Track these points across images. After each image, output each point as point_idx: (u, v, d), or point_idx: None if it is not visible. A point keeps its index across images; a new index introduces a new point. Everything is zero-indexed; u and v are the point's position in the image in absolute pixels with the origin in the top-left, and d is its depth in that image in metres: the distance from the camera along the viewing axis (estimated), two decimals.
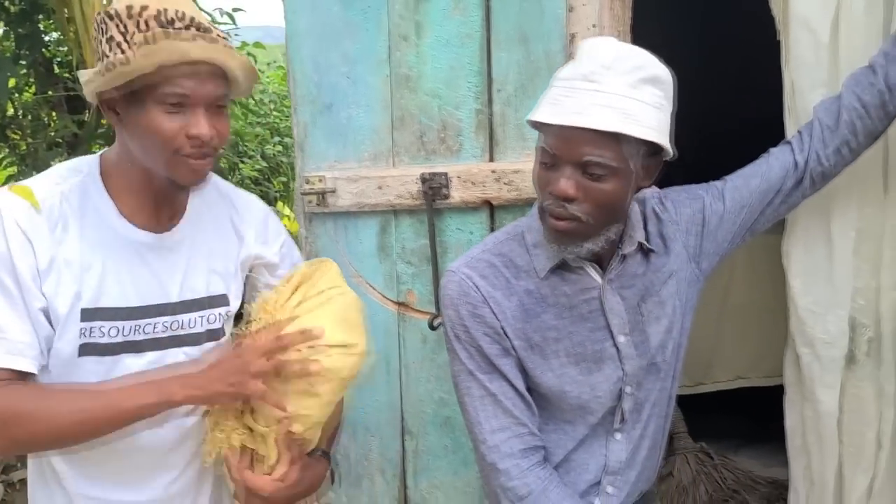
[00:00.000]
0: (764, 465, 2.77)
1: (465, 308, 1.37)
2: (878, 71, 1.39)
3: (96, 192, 1.28)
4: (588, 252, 1.31)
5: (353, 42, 1.89)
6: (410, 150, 1.88)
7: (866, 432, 1.62)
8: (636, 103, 1.21)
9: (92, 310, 1.24)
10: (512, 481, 1.36)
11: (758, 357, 2.84)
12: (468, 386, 1.40)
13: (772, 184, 1.46)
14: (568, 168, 1.24)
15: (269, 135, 5.65)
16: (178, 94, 1.20)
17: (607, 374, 1.38)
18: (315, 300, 1.36)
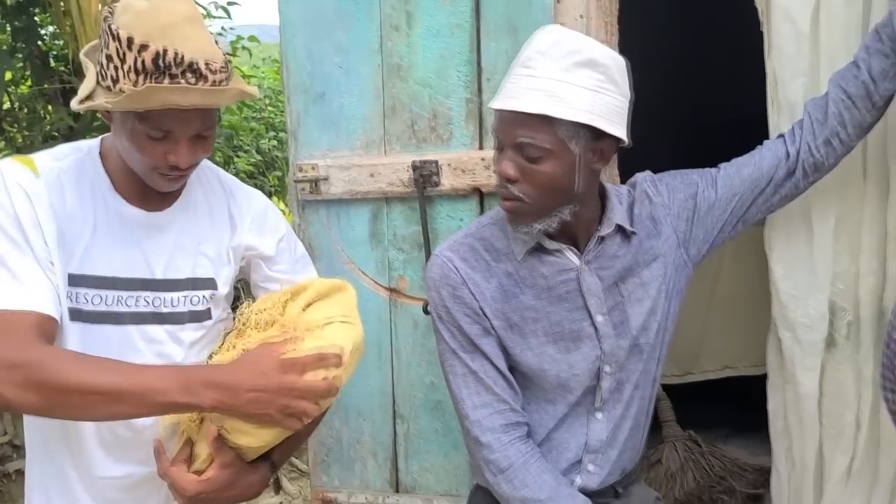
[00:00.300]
0: (752, 453, 2.81)
1: (446, 290, 1.42)
2: (860, 65, 1.43)
3: (93, 169, 1.32)
4: (539, 232, 1.36)
5: (345, 32, 1.92)
6: (402, 138, 1.91)
7: (845, 414, 1.66)
8: (567, 86, 1.25)
9: (78, 276, 1.27)
10: (494, 454, 1.41)
11: (745, 347, 2.88)
12: (452, 364, 1.45)
13: (763, 172, 1.50)
14: (509, 150, 1.31)
15: (265, 129, 5.67)
16: (164, 130, 1.23)
17: (585, 353, 1.42)
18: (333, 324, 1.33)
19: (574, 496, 1.41)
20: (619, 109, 1.32)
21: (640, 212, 1.47)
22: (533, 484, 1.39)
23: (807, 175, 1.50)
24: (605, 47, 1.32)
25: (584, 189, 1.36)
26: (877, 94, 1.41)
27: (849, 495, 1.68)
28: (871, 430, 1.65)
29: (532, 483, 1.39)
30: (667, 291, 1.47)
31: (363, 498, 2.05)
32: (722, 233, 1.51)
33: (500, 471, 1.41)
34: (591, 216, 1.42)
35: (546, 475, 1.40)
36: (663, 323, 1.48)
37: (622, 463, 1.50)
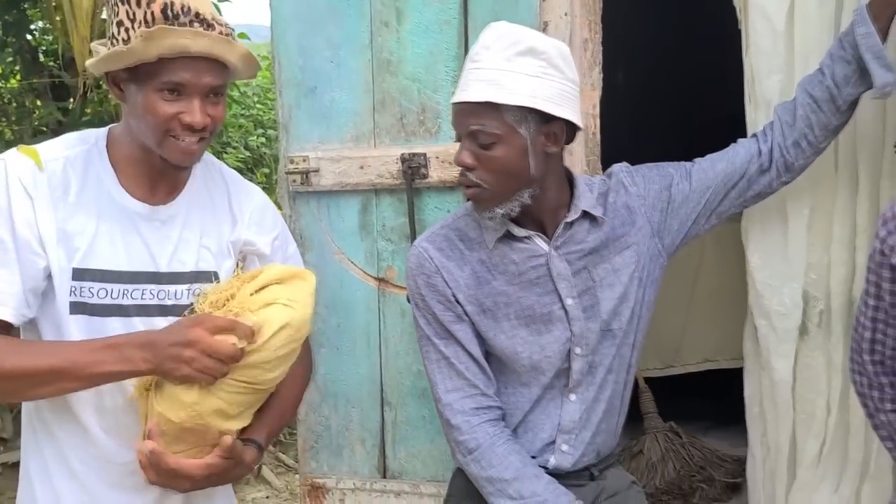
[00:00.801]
0: (731, 445, 2.88)
1: (422, 278, 1.50)
2: (825, 71, 1.51)
3: (100, 161, 1.35)
4: (503, 216, 1.42)
5: (336, 27, 1.97)
6: (391, 131, 1.96)
7: (817, 399, 1.72)
8: (509, 74, 1.34)
9: (82, 269, 1.30)
10: (463, 436, 1.48)
11: (725, 340, 2.95)
12: (427, 350, 1.53)
13: (736, 167, 1.56)
14: (465, 140, 1.39)
15: (253, 126, 5.70)
16: (176, 83, 1.26)
17: (556, 335, 1.48)
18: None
19: (539, 476, 1.46)
20: (566, 93, 1.40)
21: (615, 200, 1.53)
22: (499, 464, 1.45)
23: (779, 174, 1.56)
24: (546, 37, 1.42)
25: (540, 172, 1.42)
26: (840, 99, 1.49)
27: (820, 478, 1.75)
28: (840, 415, 1.71)
29: (498, 463, 1.45)
30: (640, 279, 1.52)
31: (351, 484, 2.09)
32: (696, 224, 1.57)
33: (469, 451, 1.48)
34: (557, 202, 1.48)
35: (512, 456, 1.46)
36: (637, 310, 1.53)
37: (596, 445, 1.55)
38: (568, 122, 1.42)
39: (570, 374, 1.50)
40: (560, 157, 1.48)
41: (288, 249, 1.55)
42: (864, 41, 1.42)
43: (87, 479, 1.36)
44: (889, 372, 1.34)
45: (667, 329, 3.00)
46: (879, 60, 1.42)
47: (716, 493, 2.67)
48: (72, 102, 4.04)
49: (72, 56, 3.65)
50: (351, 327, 2.05)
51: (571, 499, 1.44)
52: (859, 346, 1.37)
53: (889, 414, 1.36)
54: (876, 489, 1.67)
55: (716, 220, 1.60)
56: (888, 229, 1.25)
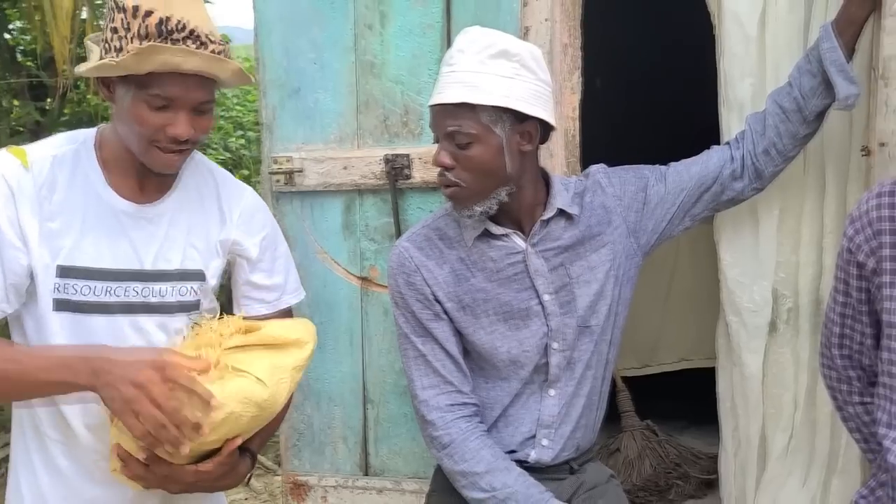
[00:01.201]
0: (706, 443, 2.93)
1: (402, 277, 1.54)
2: (793, 83, 1.58)
3: (88, 160, 1.36)
4: (481, 214, 1.47)
5: (320, 30, 1.99)
6: (374, 132, 1.99)
7: (784, 394, 1.78)
8: (483, 76, 1.39)
9: (67, 267, 1.31)
10: (437, 431, 1.52)
11: (700, 340, 3.01)
12: (405, 347, 1.57)
13: (710, 170, 1.62)
14: (443, 142, 1.44)
15: (233, 128, 5.69)
16: (165, 98, 1.27)
17: (534, 330, 1.52)
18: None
19: (510, 469, 1.50)
20: (539, 94, 1.44)
21: (591, 200, 1.58)
22: (471, 458, 1.49)
23: (751, 181, 1.63)
24: (518, 40, 1.47)
25: (517, 171, 1.46)
26: (807, 110, 1.56)
27: (788, 470, 1.81)
28: (806, 411, 1.77)
29: (470, 458, 1.49)
30: (616, 277, 1.57)
31: (333, 481, 2.12)
32: (670, 225, 1.62)
33: (443, 447, 1.52)
34: (533, 201, 1.53)
35: (484, 450, 1.50)
36: (614, 307, 1.58)
37: (576, 440, 1.59)
38: (542, 121, 1.46)
39: (548, 369, 1.54)
40: (535, 156, 1.53)
41: (277, 249, 1.55)
42: (828, 55, 1.50)
43: (69, 474, 1.37)
44: (857, 366, 1.40)
45: (643, 329, 3.06)
46: (843, 74, 1.49)
47: (691, 489, 2.71)
48: (50, 102, 4.02)
49: (50, 56, 3.64)
50: (334, 326, 2.07)
51: (541, 489, 1.48)
52: (828, 340, 1.43)
53: (857, 406, 1.41)
54: (845, 483, 1.73)
55: (689, 222, 1.65)
56: (855, 228, 1.30)
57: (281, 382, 1.31)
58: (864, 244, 1.28)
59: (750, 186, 1.63)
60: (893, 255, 1.24)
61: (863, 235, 1.28)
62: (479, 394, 1.58)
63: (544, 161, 1.84)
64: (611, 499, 1.59)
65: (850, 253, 1.31)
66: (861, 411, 1.41)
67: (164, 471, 1.28)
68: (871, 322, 1.33)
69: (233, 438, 1.30)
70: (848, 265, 1.32)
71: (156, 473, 1.28)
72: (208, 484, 1.33)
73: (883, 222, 1.25)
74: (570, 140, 1.92)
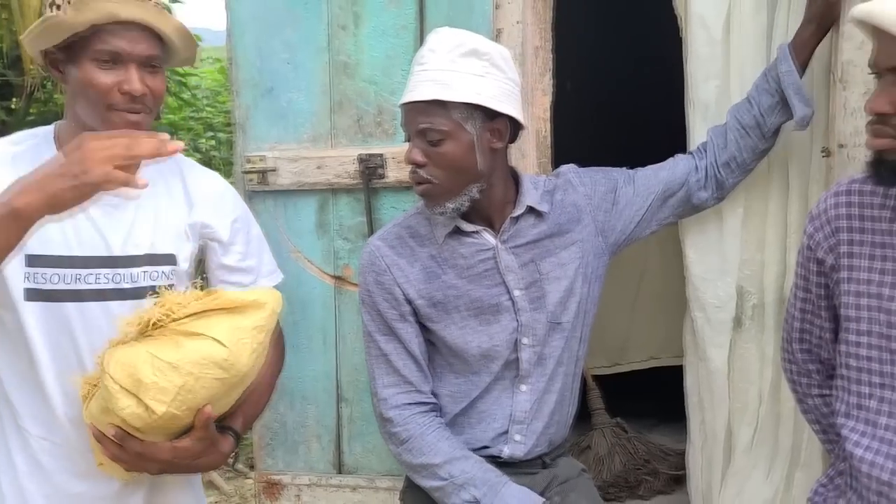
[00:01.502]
0: (675, 440, 2.98)
1: (371, 276, 1.57)
2: (752, 100, 1.65)
3: (48, 151, 1.35)
4: (453, 210, 1.49)
5: (294, 30, 2.00)
6: (348, 132, 2.00)
7: (750, 389, 1.83)
8: (453, 74, 1.42)
9: (36, 256, 1.32)
10: (395, 428, 1.55)
11: (668, 339, 3.06)
12: (369, 345, 1.60)
13: (677, 176, 1.68)
14: (416, 139, 1.47)
15: (203, 129, 5.66)
16: (110, 52, 1.28)
17: (504, 325, 1.55)
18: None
19: (467, 457, 1.53)
20: (508, 92, 1.48)
21: (562, 198, 1.61)
22: (429, 451, 1.53)
23: (713, 191, 1.69)
24: (487, 40, 1.50)
25: (487, 168, 1.49)
26: (766, 126, 1.63)
27: (753, 463, 1.85)
28: (770, 405, 1.82)
29: (428, 451, 1.53)
30: (584, 274, 1.61)
31: (307, 479, 2.12)
32: (638, 227, 1.67)
33: (401, 442, 1.55)
34: (503, 198, 1.56)
35: (442, 443, 1.53)
36: (583, 305, 1.61)
37: (549, 435, 1.62)
38: (511, 120, 1.49)
39: (519, 364, 1.57)
40: (505, 153, 1.56)
41: (250, 232, 1.55)
42: (785, 77, 1.57)
43: (53, 470, 1.37)
44: (816, 359, 1.44)
45: (613, 329, 3.11)
46: (799, 95, 1.57)
47: (660, 485, 2.76)
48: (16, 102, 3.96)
49: (17, 55, 3.59)
50: (307, 325, 2.08)
51: (498, 474, 1.52)
52: (789, 335, 1.47)
53: (816, 399, 1.46)
54: (807, 476, 1.77)
55: (656, 226, 1.70)
56: (814, 226, 1.35)
57: (242, 343, 1.26)
58: (823, 241, 1.32)
59: (712, 196, 1.70)
60: (851, 252, 1.29)
61: (822, 233, 1.33)
62: (450, 388, 1.61)
63: (516, 161, 1.87)
64: (582, 492, 1.62)
65: (810, 250, 1.35)
66: (820, 403, 1.45)
67: (137, 447, 1.26)
68: (830, 317, 1.37)
69: (203, 408, 1.26)
70: (808, 262, 1.37)
71: (129, 451, 1.26)
72: (189, 462, 1.31)
73: (841, 220, 1.30)
74: (541, 141, 1.95)
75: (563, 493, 1.60)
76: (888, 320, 1.22)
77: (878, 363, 1.24)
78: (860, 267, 1.27)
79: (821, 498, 1.39)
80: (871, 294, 1.24)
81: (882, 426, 1.23)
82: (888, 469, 1.20)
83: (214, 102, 6.11)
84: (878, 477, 1.21)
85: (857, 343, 1.26)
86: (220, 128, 5.82)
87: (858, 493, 1.28)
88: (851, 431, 1.27)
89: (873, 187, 1.26)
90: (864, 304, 1.25)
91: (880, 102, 1.14)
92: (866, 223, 1.27)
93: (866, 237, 1.26)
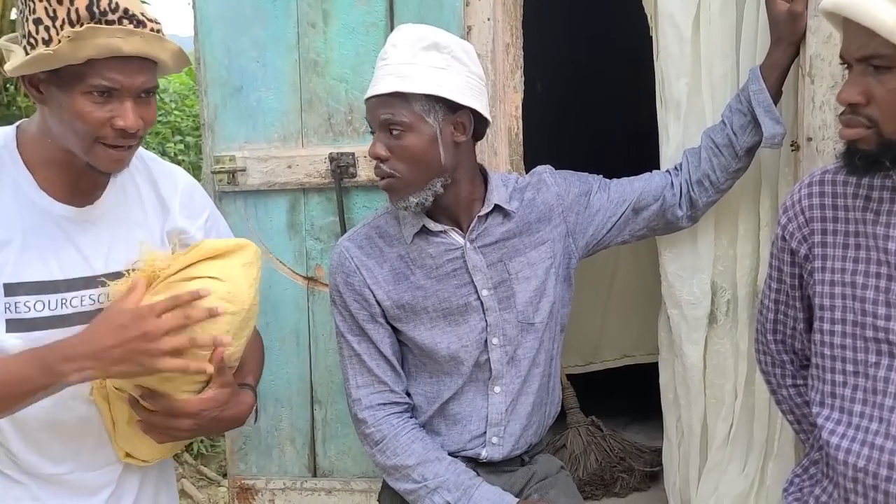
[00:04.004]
0: (648, 437, 3.00)
1: (341, 276, 1.56)
2: (726, 121, 1.66)
3: (13, 164, 1.26)
4: (417, 205, 1.48)
5: (262, 28, 1.98)
6: (319, 131, 1.98)
7: (725, 384, 1.84)
8: (415, 67, 1.43)
9: (14, 284, 1.23)
10: (369, 429, 1.55)
11: (641, 336, 3.08)
12: (341, 346, 1.60)
13: (651, 188, 1.69)
14: (379, 133, 1.47)
15: (171, 133, 5.58)
16: (107, 86, 1.18)
17: (472, 325, 1.55)
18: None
19: (441, 459, 1.53)
20: (471, 85, 1.48)
21: (534, 196, 1.61)
22: (402, 452, 1.52)
23: (686, 209, 1.70)
24: (449, 34, 1.51)
25: (451, 162, 1.49)
26: (738, 146, 1.65)
27: (728, 458, 1.86)
28: (745, 399, 1.83)
29: (402, 452, 1.52)
30: (556, 274, 1.60)
31: (281, 483, 2.09)
32: (609, 234, 1.67)
33: (375, 443, 1.55)
34: (470, 196, 1.55)
35: (415, 444, 1.53)
36: (557, 305, 1.61)
37: (528, 437, 1.62)
38: (476, 114, 1.49)
39: (490, 364, 1.56)
40: (471, 149, 1.56)
41: (220, 228, 1.52)
42: (756, 97, 1.59)
43: (38, 489, 1.33)
44: (789, 350, 1.46)
45: (587, 328, 3.12)
46: (769, 114, 1.58)
47: (636, 482, 2.77)
48: None
49: None
50: (280, 326, 2.05)
51: (471, 475, 1.52)
52: (763, 327, 1.48)
53: (790, 389, 1.47)
54: (779, 467, 1.80)
55: (628, 236, 1.71)
56: (788, 217, 1.36)
57: (236, 277, 1.30)
58: (796, 231, 1.33)
59: (686, 215, 1.70)
60: (824, 242, 1.30)
61: (795, 223, 1.34)
62: (424, 387, 1.60)
63: (488, 159, 1.87)
64: (562, 489, 1.62)
65: (784, 241, 1.36)
66: (794, 393, 1.47)
67: (165, 404, 1.27)
68: (803, 307, 1.39)
69: (215, 350, 1.25)
70: (782, 252, 1.38)
71: (160, 411, 1.27)
72: (217, 413, 1.30)
73: (814, 210, 1.31)
74: (513, 138, 1.95)
75: (543, 490, 1.59)
76: (862, 308, 1.23)
77: (851, 351, 1.25)
78: (834, 256, 1.28)
79: (796, 488, 1.40)
80: (845, 283, 1.25)
81: (857, 414, 1.24)
82: (864, 456, 1.21)
83: (182, 106, 6.04)
84: (854, 464, 1.22)
85: (832, 332, 1.28)
86: (189, 132, 5.75)
87: (834, 481, 1.28)
88: (826, 420, 1.28)
89: (846, 177, 1.27)
90: (839, 292, 1.27)
91: (851, 92, 1.15)
92: (839, 213, 1.28)
93: (839, 227, 1.28)
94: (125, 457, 1.38)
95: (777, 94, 1.61)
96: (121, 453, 1.38)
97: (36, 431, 1.31)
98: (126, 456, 1.39)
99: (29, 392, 1.19)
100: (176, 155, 5.58)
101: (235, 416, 1.35)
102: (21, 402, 1.21)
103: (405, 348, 1.60)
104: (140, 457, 1.40)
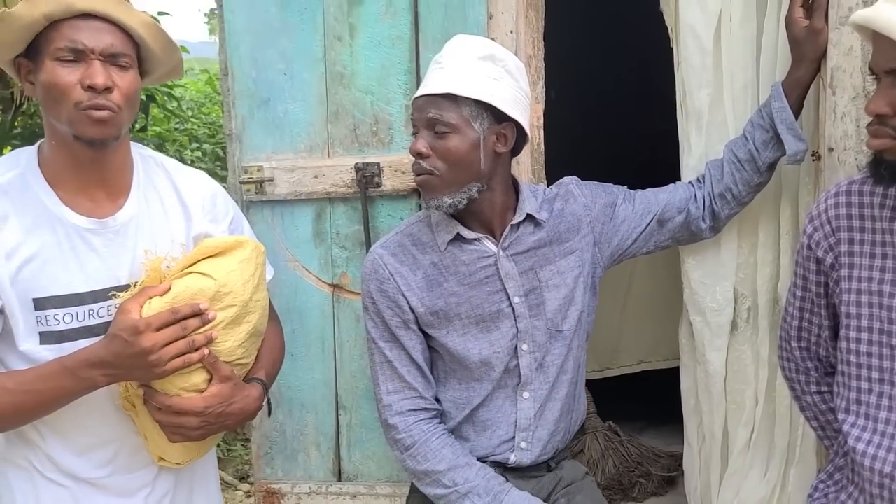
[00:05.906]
0: (665, 442, 3.03)
1: (374, 283, 1.58)
2: (748, 136, 1.69)
3: (36, 183, 1.31)
4: (450, 206, 1.51)
5: (290, 41, 2.02)
6: (345, 142, 2.02)
7: (746, 390, 1.86)
8: (468, 73, 1.47)
9: (43, 299, 1.28)
10: (399, 434, 1.57)
11: (657, 342, 3.11)
12: (372, 352, 1.62)
13: (676, 200, 1.72)
14: (423, 131, 1.50)
15: (188, 141, 5.64)
16: (71, 48, 1.23)
17: (504, 332, 1.58)
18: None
19: (471, 464, 1.55)
20: (518, 100, 1.52)
21: (562, 207, 1.64)
22: (433, 458, 1.55)
23: (709, 221, 1.72)
24: (505, 49, 1.55)
25: (489, 170, 1.52)
26: (760, 161, 1.67)
27: (749, 464, 1.88)
28: (766, 405, 1.85)
29: (433, 457, 1.55)
30: (585, 283, 1.63)
31: (307, 488, 2.12)
32: (634, 245, 1.70)
33: (405, 448, 1.57)
34: (503, 205, 1.58)
35: (445, 449, 1.56)
36: (584, 314, 1.64)
37: (555, 443, 1.65)
38: (517, 128, 1.52)
39: (519, 371, 1.59)
40: (508, 161, 1.59)
41: (243, 230, 1.57)
42: (778, 114, 1.61)
43: (80, 492, 1.37)
44: (814, 357, 1.48)
45: (603, 333, 3.14)
46: (792, 131, 1.60)
47: (653, 487, 2.79)
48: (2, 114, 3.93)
49: None
50: (305, 333, 2.08)
51: (501, 481, 1.54)
52: (788, 333, 1.51)
53: (814, 395, 1.49)
54: (801, 473, 1.81)
55: (653, 247, 1.74)
56: (814, 226, 1.38)
57: (231, 273, 1.36)
58: (822, 241, 1.36)
59: (708, 227, 1.73)
60: (851, 251, 1.32)
61: (821, 232, 1.36)
62: (453, 394, 1.62)
63: (511, 168, 1.89)
64: (588, 494, 1.65)
65: (810, 249, 1.39)
66: (818, 400, 1.49)
67: (167, 401, 1.32)
68: (828, 315, 1.41)
69: (200, 349, 1.31)
70: (807, 261, 1.40)
71: (165, 410, 1.33)
72: (224, 409, 1.35)
73: (840, 220, 1.33)
74: (535, 148, 1.98)
75: (570, 496, 1.62)
76: (888, 317, 1.25)
77: (877, 359, 1.27)
78: (860, 265, 1.30)
79: (821, 493, 1.42)
80: (872, 291, 1.28)
81: (882, 420, 1.26)
82: (889, 461, 1.23)
83: (199, 114, 6.09)
84: (880, 470, 1.24)
85: (858, 339, 1.30)
86: (205, 139, 5.81)
87: (859, 486, 1.31)
88: (852, 426, 1.30)
89: (872, 187, 1.30)
90: (865, 301, 1.29)
91: (879, 104, 1.17)
92: (866, 222, 1.30)
93: (866, 236, 1.30)
94: (159, 460, 1.43)
95: (799, 109, 1.63)
96: (154, 457, 1.43)
97: (77, 437, 1.36)
98: (160, 459, 1.43)
99: (64, 399, 1.28)
100: (193, 162, 5.63)
101: (243, 410, 1.39)
102: (58, 407, 1.29)
103: (435, 354, 1.63)
104: (172, 459, 1.43)
